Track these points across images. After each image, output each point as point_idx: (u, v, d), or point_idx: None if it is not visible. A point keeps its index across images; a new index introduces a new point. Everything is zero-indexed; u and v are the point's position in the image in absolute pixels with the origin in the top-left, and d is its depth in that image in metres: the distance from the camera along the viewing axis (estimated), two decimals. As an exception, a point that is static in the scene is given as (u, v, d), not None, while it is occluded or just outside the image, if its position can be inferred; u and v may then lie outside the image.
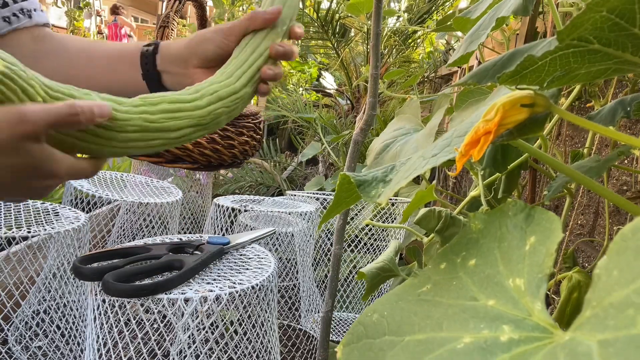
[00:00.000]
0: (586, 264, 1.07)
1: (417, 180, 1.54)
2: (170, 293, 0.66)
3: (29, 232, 1.10)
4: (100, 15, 6.75)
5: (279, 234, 1.50)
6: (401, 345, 0.25)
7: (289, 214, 1.42)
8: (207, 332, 0.86)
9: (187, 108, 0.49)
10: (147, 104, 0.48)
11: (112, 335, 0.71)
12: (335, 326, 1.48)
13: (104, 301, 0.70)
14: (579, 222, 1.12)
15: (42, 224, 1.18)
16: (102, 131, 0.45)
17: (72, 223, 1.18)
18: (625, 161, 0.96)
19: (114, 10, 7.68)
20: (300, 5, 3.15)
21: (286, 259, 1.59)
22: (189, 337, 0.86)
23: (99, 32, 6.40)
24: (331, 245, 1.47)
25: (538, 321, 0.23)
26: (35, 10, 0.76)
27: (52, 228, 1.13)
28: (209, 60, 0.59)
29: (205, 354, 0.80)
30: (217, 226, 1.37)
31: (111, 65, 0.69)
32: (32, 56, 0.73)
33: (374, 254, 1.57)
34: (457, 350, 0.23)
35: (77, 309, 1.18)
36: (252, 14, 0.57)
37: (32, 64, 0.73)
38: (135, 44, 0.69)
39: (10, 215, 1.23)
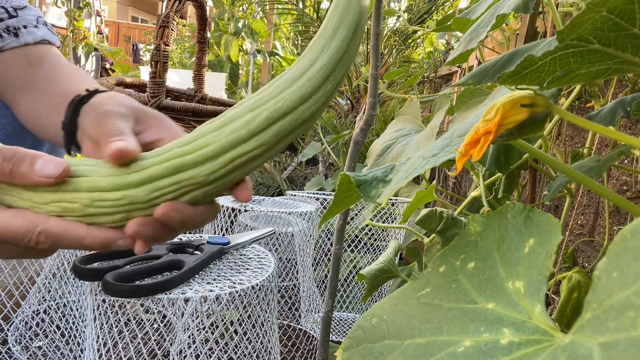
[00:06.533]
0: (586, 264, 1.07)
1: (417, 180, 1.54)
2: (170, 293, 0.66)
3: (28, 232, 1.10)
4: (100, 15, 6.74)
5: (279, 234, 1.50)
6: (401, 349, 0.25)
7: (289, 214, 1.42)
8: (207, 332, 0.86)
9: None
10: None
11: (112, 335, 0.71)
12: (335, 326, 1.48)
13: (104, 301, 0.70)
14: (579, 222, 1.12)
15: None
16: None
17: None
18: (625, 161, 0.96)
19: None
20: (300, 5, 3.14)
21: (286, 259, 1.58)
22: (189, 337, 0.86)
23: (99, 32, 6.40)
24: (331, 245, 1.46)
25: (538, 324, 0.23)
26: (25, 27, 0.65)
27: (52, 228, 1.12)
28: None
29: (205, 354, 0.80)
30: (217, 226, 1.37)
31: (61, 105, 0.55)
32: (21, 84, 0.63)
33: (374, 254, 1.56)
34: (458, 353, 0.23)
35: (77, 309, 1.18)
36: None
37: (20, 92, 0.62)
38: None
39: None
